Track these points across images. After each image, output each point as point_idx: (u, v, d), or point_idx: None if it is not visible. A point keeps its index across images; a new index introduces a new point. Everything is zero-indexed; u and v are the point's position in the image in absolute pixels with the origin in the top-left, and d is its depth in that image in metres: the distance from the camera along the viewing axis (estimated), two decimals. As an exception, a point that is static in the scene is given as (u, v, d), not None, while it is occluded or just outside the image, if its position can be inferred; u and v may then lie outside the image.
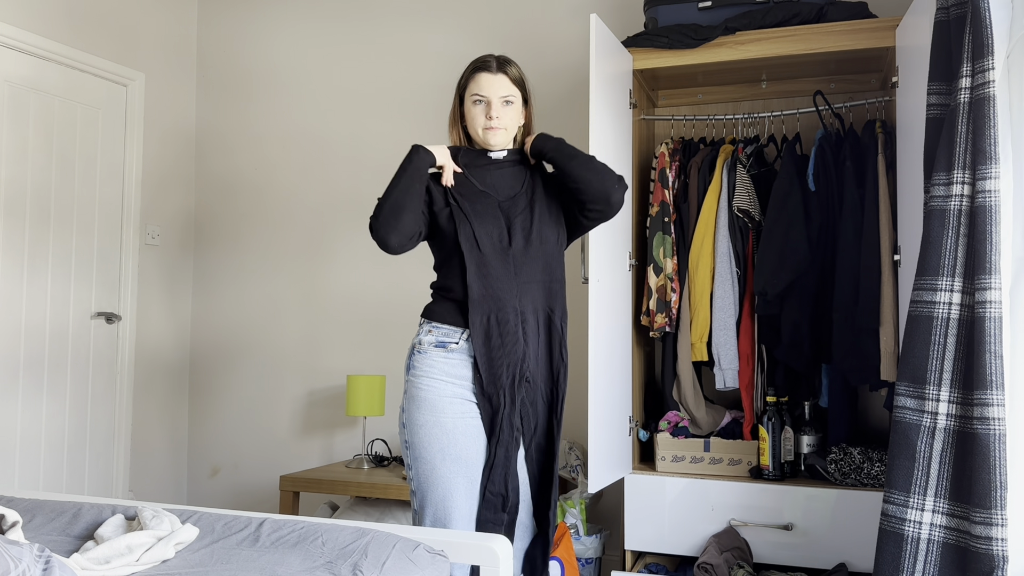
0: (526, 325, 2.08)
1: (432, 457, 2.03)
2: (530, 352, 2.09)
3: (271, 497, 3.99)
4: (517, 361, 2.06)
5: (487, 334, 2.05)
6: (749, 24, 2.87)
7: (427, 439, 2.03)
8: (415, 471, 2.05)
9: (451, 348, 2.07)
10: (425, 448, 2.03)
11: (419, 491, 2.05)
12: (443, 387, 2.05)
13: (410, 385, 2.09)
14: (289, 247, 4.05)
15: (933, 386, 2.07)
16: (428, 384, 2.06)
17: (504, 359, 2.05)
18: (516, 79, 2.14)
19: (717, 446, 2.90)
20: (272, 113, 4.12)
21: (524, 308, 2.08)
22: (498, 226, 2.07)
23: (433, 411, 2.04)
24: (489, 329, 2.05)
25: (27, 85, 3.48)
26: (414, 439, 2.05)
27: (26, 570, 1.29)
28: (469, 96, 2.14)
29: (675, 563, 3.05)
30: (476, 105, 2.12)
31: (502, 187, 2.14)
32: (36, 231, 3.51)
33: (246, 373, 4.09)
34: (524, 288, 2.08)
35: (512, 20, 3.71)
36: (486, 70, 2.12)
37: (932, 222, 2.09)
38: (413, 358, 2.10)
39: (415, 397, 2.07)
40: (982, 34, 2.02)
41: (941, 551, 2.05)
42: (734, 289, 2.90)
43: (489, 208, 2.09)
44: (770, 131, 3.20)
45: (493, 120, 2.10)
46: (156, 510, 1.81)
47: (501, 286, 2.06)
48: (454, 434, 2.03)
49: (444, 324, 2.09)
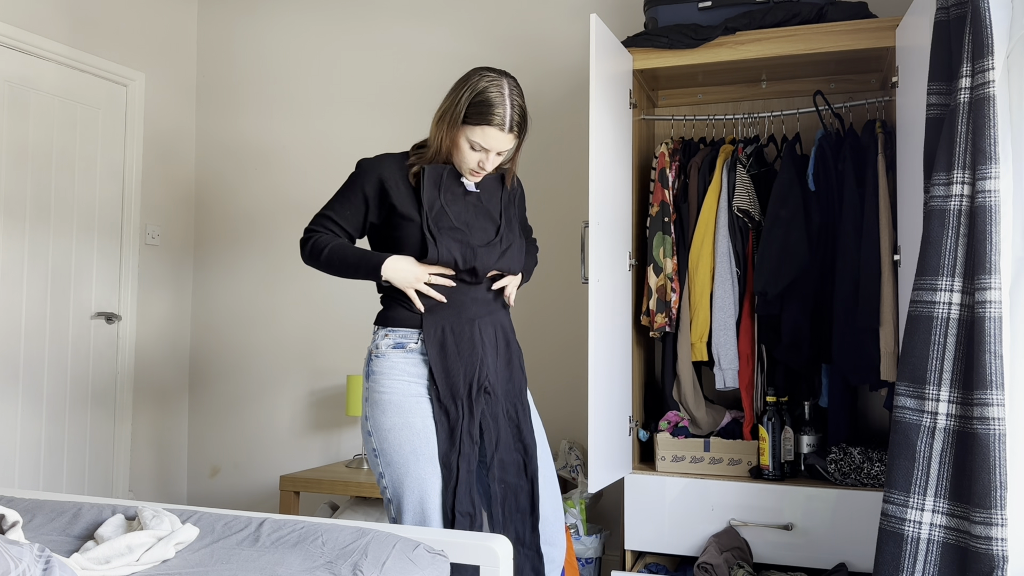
0: (484, 335, 2.05)
1: (405, 460, 1.97)
2: (488, 362, 2.04)
3: (271, 497, 3.99)
4: (474, 369, 2.01)
5: (442, 344, 2.01)
6: (749, 24, 2.87)
7: (397, 442, 1.98)
8: (388, 478, 1.99)
9: (409, 348, 2.02)
10: (396, 452, 1.98)
11: (395, 498, 1.99)
12: (406, 387, 2.00)
13: (372, 391, 2.03)
14: (289, 246, 4.05)
15: (933, 386, 2.07)
16: (391, 386, 2.01)
17: (461, 368, 2.00)
18: (520, 134, 2.04)
19: (717, 446, 2.90)
20: (272, 113, 4.12)
21: (481, 320, 2.06)
22: (463, 252, 2.02)
23: (400, 413, 1.99)
24: (444, 339, 2.01)
25: (27, 85, 3.48)
26: (383, 444, 1.99)
27: (26, 570, 1.29)
28: (470, 136, 1.99)
29: (675, 563, 3.05)
30: (471, 150, 2.01)
31: (475, 225, 2.07)
32: (36, 231, 3.51)
33: (246, 373, 4.09)
34: (482, 305, 2.08)
35: (512, 20, 3.71)
36: (497, 127, 1.97)
37: (932, 222, 2.09)
38: (372, 363, 2.05)
39: (379, 402, 2.01)
40: (982, 34, 2.02)
41: (941, 551, 2.05)
42: (734, 289, 2.90)
43: (457, 236, 2.03)
44: (770, 131, 3.20)
45: (482, 171, 2.05)
46: (156, 510, 1.81)
47: (459, 299, 2.04)
48: (425, 433, 1.98)
49: (400, 327, 2.04)
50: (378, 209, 2.06)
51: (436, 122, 2.04)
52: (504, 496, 2.04)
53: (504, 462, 2.05)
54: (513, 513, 2.04)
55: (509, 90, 1.99)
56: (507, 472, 2.05)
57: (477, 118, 1.97)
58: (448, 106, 2.01)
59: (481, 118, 1.96)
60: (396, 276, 2.00)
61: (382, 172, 2.05)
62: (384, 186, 2.04)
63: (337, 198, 2.09)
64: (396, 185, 2.04)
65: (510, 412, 2.08)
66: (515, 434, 2.07)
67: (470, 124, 1.98)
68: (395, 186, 2.04)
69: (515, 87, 2.01)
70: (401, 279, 2.00)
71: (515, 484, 2.05)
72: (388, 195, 2.03)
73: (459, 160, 2.04)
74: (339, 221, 2.07)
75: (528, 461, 2.06)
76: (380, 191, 2.04)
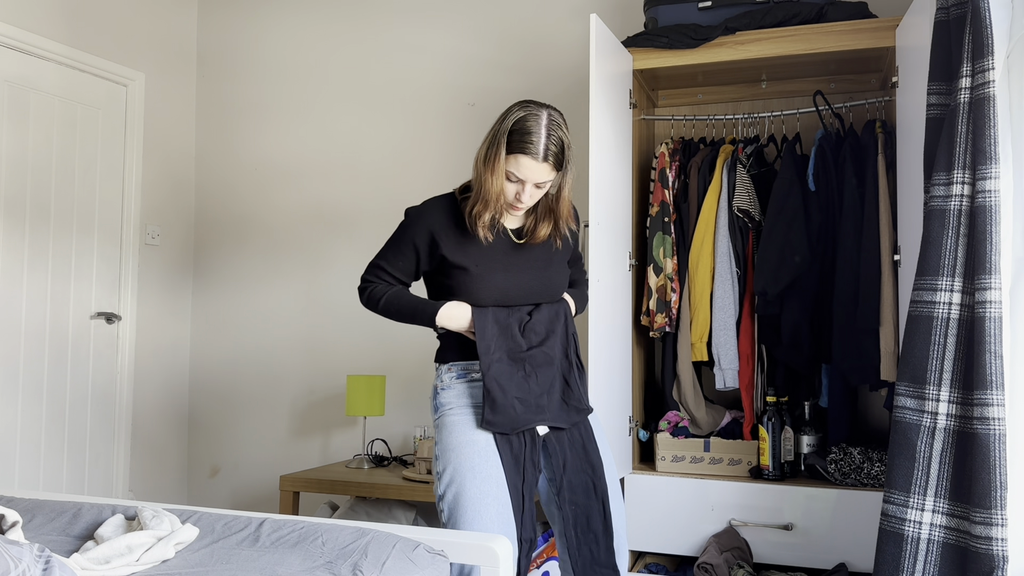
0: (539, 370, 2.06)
1: (463, 477, 1.93)
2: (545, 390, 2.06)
3: (271, 497, 3.99)
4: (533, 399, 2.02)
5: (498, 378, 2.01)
6: (749, 24, 2.87)
7: (458, 459, 1.95)
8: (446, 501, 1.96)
9: (472, 377, 2.04)
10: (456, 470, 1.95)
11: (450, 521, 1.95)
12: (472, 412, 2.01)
13: (440, 421, 2.03)
14: (289, 246, 4.05)
15: (933, 386, 2.07)
16: (458, 410, 2.01)
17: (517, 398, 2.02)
18: (558, 164, 1.95)
19: (717, 446, 2.90)
20: (272, 113, 4.12)
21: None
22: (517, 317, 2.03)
23: (465, 431, 1.98)
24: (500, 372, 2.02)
25: (27, 85, 3.48)
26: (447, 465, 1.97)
27: (26, 570, 1.29)
28: (506, 168, 1.93)
29: (675, 563, 3.05)
30: (508, 183, 1.95)
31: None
32: (36, 231, 3.51)
33: (246, 373, 4.09)
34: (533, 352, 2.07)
35: (512, 20, 3.71)
36: (531, 156, 1.91)
37: (932, 222, 2.09)
38: (437, 397, 2.06)
39: (445, 424, 2.01)
40: (982, 34, 2.02)
41: (941, 551, 2.05)
42: (734, 289, 2.90)
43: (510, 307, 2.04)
44: (770, 131, 3.20)
45: (520, 204, 1.99)
46: (156, 510, 1.81)
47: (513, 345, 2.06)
48: (486, 452, 1.95)
49: (461, 360, 2.05)
50: (429, 259, 2.05)
51: (477, 161, 1.98)
52: (576, 517, 2.03)
53: (573, 484, 2.03)
54: (586, 533, 2.02)
55: (548, 121, 1.93)
56: (576, 494, 2.03)
57: (511, 147, 1.92)
58: (488, 142, 1.97)
59: (515, 147, 1.92)
60: (451, 324, 2.01)
61: (431, 224, 2.03)
62: (434, 238, 2.02)
63: (389, 248, 2.09)
64: (446, 235, 2.02)
65: (573, 434, 2.06)
66: (582, 455, 2.05)
67: (507, 153, 1.93)
68: (444, 236, 2.02)
69: (556, 119, 1.95)
70: (457, 326, 2.01)
71: (585, 505, 2.03)
72: (438, 246, 2.02)
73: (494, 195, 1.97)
74: (391, 271, 2.08)
75: (597, 481, 2.04)
76: (431, 243, 2.03)
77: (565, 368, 2.06)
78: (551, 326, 2.05)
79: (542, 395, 2.01)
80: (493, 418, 1.95)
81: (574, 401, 2.06)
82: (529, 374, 2.00)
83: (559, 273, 2.11)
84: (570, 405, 2.05)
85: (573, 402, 2.06)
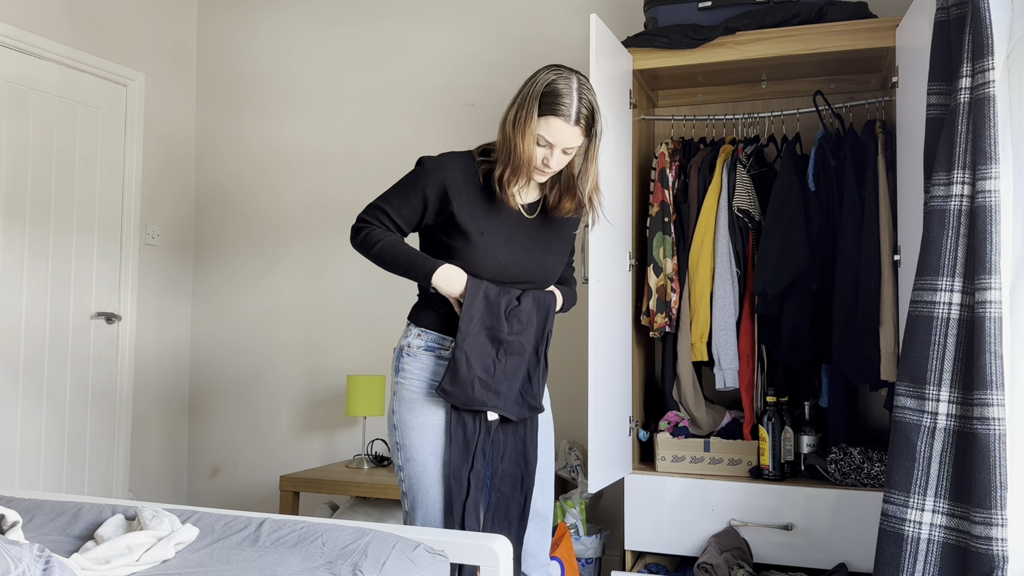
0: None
1: (424, 459, 2.00)
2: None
3: (271, 497, 3.99)
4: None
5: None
6: (749, 24, 2.87)
7: (419, 441, 2.00)
8: (406, 472, 2.02)
9: (441, 354, 2.03)
10: (416, 450, 2.00)
11: (410, 493, 2.03)
12: (433, 387, 2.02)
13: (400, 387, 2.04)
14: (289, 246, 4.05)
15: (933, 386, 2.07)
16: (419, 387, 2.02)
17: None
18: (588, 130, 1.92)
19: (717, 446, 2.90)
20: (272, 113, 4.12)
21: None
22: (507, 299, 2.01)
23: (425, 413, 2.01)
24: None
25: (26, 85, 3.48)
26: (406, 440, 2.02)
27: (26, 570, 1.29)
28: (535, 131, 1.89)
29: (675, 563, 3.05)
30: (537, 146, 1.90)
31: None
32: (36, 231, 3.51)
33: (246, 373, 4.09)
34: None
35: (512, 20, 3.71)
36: (563, 118, 1.87)
37: (932, 222, 2.09)
38: (402, 360, 2.05)
39: (405, 399, 2.03)
40: (982, 34, 2.02)
41: (941, 551, 2.05)
42: (734, 289, 2.90)
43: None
44: (770, 131, 3.20)
45: (549, 167, 1.94)
46: (156, 510, 1.81)
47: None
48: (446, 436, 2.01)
49: (434, 331, 2.04)
50: (437, 213, 1.99)
51: (504, 124, 1.93)
52: (496, 504, 2.05)
53: (504, 472, 2.06)
54: (501, 522, 2.05)
55: (578, 84, 1.89)
56: (504, 483, 2.06)
57: (542, 109, 1.87)
58: (517, 105, 1.91)
59: (546, 109, 1.87)
60: (445, 286, 1.96)
61: (446, 177, 1.95)
62: (447, 193, 1.95)
63: (395, 192, 2.00)
64: (460, 193, 1.95)
65: (518, 427, 2.07)
66: (520, 448, 2.07)
67: (537, 117, 1.88)
68: (458, 194, 1.95)
69: (585, 83, 1.91)
70: (449, 289, 1.96)
71: (509, 495, 2.06)
72: (450, 202, 1.95)
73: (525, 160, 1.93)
74: (393, 217, 2.00)
75: (526, 476, 2.07)
76: (442, 197, 1.96)
77: (532, 363, 2.06)
78: (533, 317, 2.03)
79: (503, 382, 2.00)
80: (449, 388, 1.95)
81: (530, 397, 2.06)
82: (500, 359, 1.99)
83: (556, 260, 2.10)
84: (525, 400, 2.05)
85: (529, 398, 2.05)
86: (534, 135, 1.89)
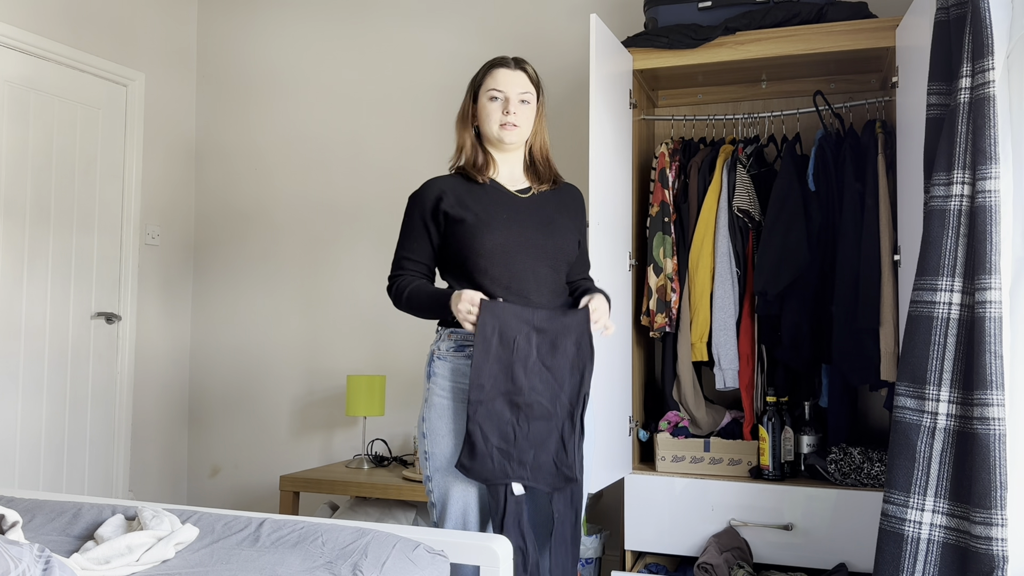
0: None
1: (454, 469, 1.94)
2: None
3: (271, 497, 3.99)
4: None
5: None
6: (749, 24, 2.87)
7: (450, 450, 1.95)
8: (435, 482, 1.97)
9: (470, 351, 1.96)
10: (448, 460, 1.95)
11: (439, 503, 1.97)
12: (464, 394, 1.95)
13: (431, 393, 2.00)
14: (289, 247, 4.05)
15: (933, 386, 2.07)
16: (450, 392, 1.97)
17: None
18: (533, 78, 2.07)
19: (717, 446, 2.90)
20: (272, 113, 4.12)
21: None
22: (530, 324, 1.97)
23: (455, 419, 1.95)
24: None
25: (27, 85, 3.48)
26: (435, 449, 1.96)
27: (26, 570, 1.29)
28: (485, 92, 2.04)
29: (675, 563, 3.05)
30: (492, 102, 2.03)
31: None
32: (36, 231, 3.51)
33: (246, 373, 4.09)
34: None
35: (512, 20, 3.71)
36: (504, 66, 2.05)
37: (932, 222, 2.09)
38: (433, 364, 2.02)
39: (436, 404, 1.98)
40: (982, 34, 2.02)
41: (941, 551, 2.05)
42: (734, 289, 2.90)
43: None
44: (770, 131, 3.20)
45: (510, 116, 2.01)
46: (156, 510, 1.81)
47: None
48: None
49: (462, 329, 1.97)
50: (436, 226, 2.03)
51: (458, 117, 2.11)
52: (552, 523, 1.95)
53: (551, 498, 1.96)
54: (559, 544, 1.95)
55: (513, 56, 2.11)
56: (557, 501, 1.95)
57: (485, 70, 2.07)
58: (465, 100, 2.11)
59: (488, 68, 2.07)
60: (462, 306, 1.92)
61: (431, 194, 2.04)
62: (438, 204, 2.02)
63: (402, 236, 2.08)
64: (446, 196, 2.03)
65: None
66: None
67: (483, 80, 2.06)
68: (445, 197, 2.02)
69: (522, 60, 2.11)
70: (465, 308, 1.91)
71: (563, 514, 1.95)
72: (440, 202, 2.02)
73: (487, 123, 2.04)
74: (412, 257, 2.05)
75: (575, 491, 1.96)
76: (434, 209, 2.02)
77: (567, 430, 1.92)
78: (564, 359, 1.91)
79: (528, 451, 1.89)
80: (468, 464, 1.88)
81: (565, 468, 1.91)
82: (520, 425, 1.88)
83: (565, 236, 2.06)
84: (559, 470, 1.91)
85: (564, 468, 1.91)
86: (486, 93, 2.04)
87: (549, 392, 1.90)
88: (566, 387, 1.93)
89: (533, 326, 1.91)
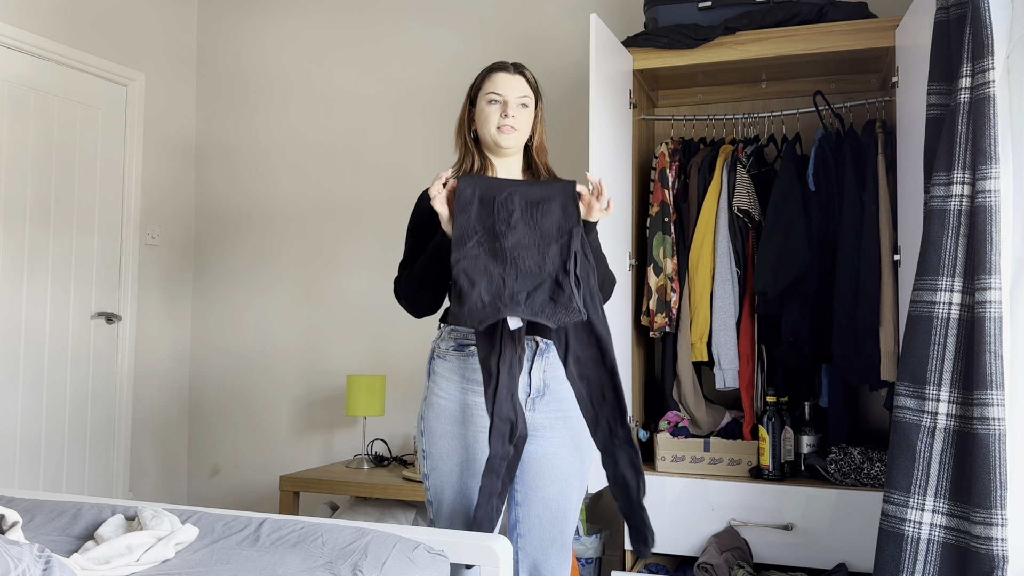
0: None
1: (451, 470, 1.94)
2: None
3: (271, 497, 3.99)
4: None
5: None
6: (749, 24, 2.87)
7: (446, 451, 1.95)
8: (432, 481, 1.97)
9: (471, 350, 1.95)
10: (444, 460, 1.95)
11: (435, 501, 1.97)
12: (464, 395, 1.95)
13: (430, 392, 1.99)
14: (290, 247, 4.05)
15: (933, 386, 2.07)
16: (448, 391, 1.96)
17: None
18: (532, 84, 2.06)
19: (717, 446, 2.90)
20: (272, 113, 4.12)
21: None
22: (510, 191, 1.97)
23: (453, 421, 1.95)
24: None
25: (27, 85, 3.48)
26: (432, 448, 1.96)
27: (26, 570, 1.29)
28: (483, 96, 2.01)
29: (675, 563, 3.05)
30: (491, 105, 1.99)
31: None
32: (36, 231, 3.51)
33: (246, 373, 4.09)
34: None
35: (512, 20, 3.71)
36: (503, 71, 2.03)
37: (932, 222, 2.09)
38: (433, 363, 2.01)
39: (434, 404, 1.97)
40: (982, 34, 2.02)
41: (941, 551, 2.05)
42: (734, 289, 2.90)
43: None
44: (770, 131, 3.20)
45: (508, 119, 1.98)
46: (156, 510, 1.81)
47: None
48: (475, 448, 1.94)
49: (462, 327, 1.94)
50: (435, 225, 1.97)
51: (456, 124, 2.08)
52: (590, 392, 1.89)
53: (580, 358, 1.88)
54: (602, 406, 1.88)
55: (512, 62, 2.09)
56: (586, 367, 1.88)
57: (484, 75, 2.04)
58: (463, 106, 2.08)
59: (487, 72, 2.04)
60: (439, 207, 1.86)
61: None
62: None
63: (408, 238, 2.06)
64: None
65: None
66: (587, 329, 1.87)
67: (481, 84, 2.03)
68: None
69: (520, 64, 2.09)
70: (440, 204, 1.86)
71: (597, 377, 1.88)
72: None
73: (485, 127, 1.99)
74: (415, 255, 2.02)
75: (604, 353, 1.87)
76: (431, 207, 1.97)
77: (561, 275, 1.80)
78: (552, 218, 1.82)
79: (521, 293, 1.78)
80: (457, 310, 1.77)
81: (563, 299, 1.77)
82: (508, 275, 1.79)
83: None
84: (558, 303, 1.77)
85: (563, 300, 1.77)
86: (484, 96, 2.01)
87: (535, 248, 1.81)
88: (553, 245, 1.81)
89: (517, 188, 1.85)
